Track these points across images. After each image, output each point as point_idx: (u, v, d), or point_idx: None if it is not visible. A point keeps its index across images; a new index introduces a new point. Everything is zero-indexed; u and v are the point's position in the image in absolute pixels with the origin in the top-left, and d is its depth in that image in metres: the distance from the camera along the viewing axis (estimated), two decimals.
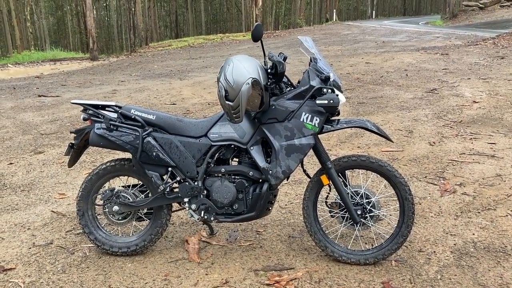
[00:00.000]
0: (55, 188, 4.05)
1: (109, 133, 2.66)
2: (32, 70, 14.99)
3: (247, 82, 2.35)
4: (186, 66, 13.14)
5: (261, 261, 2.76)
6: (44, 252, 2.92)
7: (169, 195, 2.73)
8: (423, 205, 3.48)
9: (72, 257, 2.85)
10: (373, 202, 2.66)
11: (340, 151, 4.84)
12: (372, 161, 2.63)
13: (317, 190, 2.74)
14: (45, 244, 3.02)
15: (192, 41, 23.91)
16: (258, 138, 2.62)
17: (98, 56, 18.23)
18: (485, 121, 5.70)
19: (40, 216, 3.48)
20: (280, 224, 3.25)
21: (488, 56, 10.95)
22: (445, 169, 4.18)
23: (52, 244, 3.02)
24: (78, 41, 44.46)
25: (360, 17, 53.54)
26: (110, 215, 2.80)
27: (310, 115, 2.54)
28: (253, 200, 2.64)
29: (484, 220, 3.20)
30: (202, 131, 2.70)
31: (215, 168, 2.70)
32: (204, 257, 2.81)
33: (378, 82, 8.53)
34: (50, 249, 2.96)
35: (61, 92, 9.36)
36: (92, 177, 2.80)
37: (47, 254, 2.89)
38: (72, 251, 2.91)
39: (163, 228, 2.82)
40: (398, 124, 5.72)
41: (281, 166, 2.56)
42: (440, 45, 14.04)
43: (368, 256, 2.68)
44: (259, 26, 2.46)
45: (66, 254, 2.89)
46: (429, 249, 2.85)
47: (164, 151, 2.68)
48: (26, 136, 5.91)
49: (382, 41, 16.59)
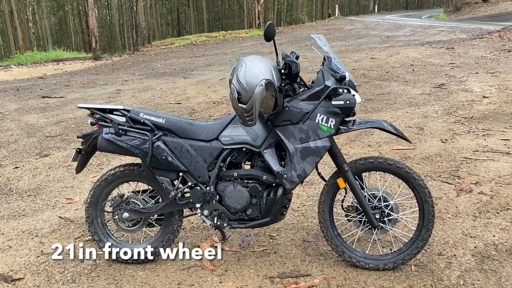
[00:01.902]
0: (62, 193, 3.98)
1: (118, 138, 2.58)
2: (35, 71, 14.94)
3: (261, 84, 2.26)
4: (189, 65, 13.06)
5: (276, 267, 2.68)
6: (53, 260, 2.85)
7: (181, 201, 2.65)
8: (440, 205, 3.39)
9: (81, 265, 2.77)
10: (391, 205, 2.57)
11: (350, 150, 4.75)
12: (390, 162, 2.54)
13: (333, 193, 2.65)
14: (53, 252, 2.94)
15: (195, 39, 23.81)
16: (272, 141, 2.53)
17: (101, 56, 18.16)
18: (496, 116, 5.59)
19: (48, 222, 3.41)
20: (294, 228, 3.16)
21: (494, 49, 10.81)
22: (459, 167, 4.08)
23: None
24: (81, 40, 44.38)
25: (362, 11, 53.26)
26: (120, 222, 2.72)
27: (326, 116, 2.45)
28: (267, 205, 2.56)
29: (504, 221, 3.11)
30: (213, 134, 2.62)
31: (227, 172, 2.62)
32: (217, 264, 2.73)
33: (385, 78, 8.42)
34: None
35: (65, 93, 9.30)
36: (100, 183, 2.72)
37: (56, 262, 2.82)
38: (81, 259, 2.84)
39: (174, 235, 2.75)
40: (408, 121, 5.62)
41: (296, 169, 2.47)
42: (445, 39, 13.90)
43: (387, 261, 2.59)
44: (271, 25, 2.37)
45: (76, 262, 2.81)
46: (449, 253, 2.76)
47: (175, 155, 2.60)
48: (31, 138, 5.84)
49: (386, 36, 16.44)
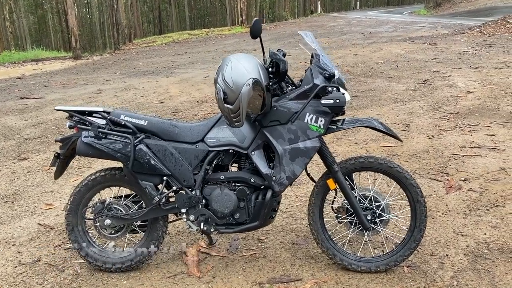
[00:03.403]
0: (41, 198, 3.83)
1: (98, 142, 2.46)
2: (13, 71, 14.55)
3: (248, 83, 2.16)
4: (172, 63, 12.87)
5: (266, 272, 2.59)
6: (31, 271, 2.71)
7: (165, 206, 2.54)
8: (429, 203, 3.34)
9: (62, 275, 2.64)
10: (382, 205, 2.51)
11: (337, 148, 4.69)
12: (381, 162, 2.47)
13: (323, 195, 2.57)
14: (32, 262, 2.81)
15: (177, 36, 23.52)
16: (260, 142, 2.44)
17: (81, 55, 17.81)
18: (481, 111, 5.59)
19: (26, 230, 3.26)
20: (283, 230, 3.08)
21: (476, 44, 10.90)
22: (447, 164, 4.05)
23: (40, 262, 2.81)
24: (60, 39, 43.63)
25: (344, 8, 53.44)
26: (102, 229, 2.59)
27: (315, 116, 2.37)
28: (256, 208, 2.47)
29: (494, 218, 3.07)
30: (199, 136, 2.52)
31: (214, 175, 2.52)
32: (205, 270, 2.63)
33: (369, 74, 8.40)
34: (38, 267, 2.75)
35: (45, 94, 9.06)
36: (80, 188, 2.60)
37: (34, 273, 2.68)
38: (62, 269, 2.71)
39: (159, 241, 2.64)
40: (394, 118, 5.59)
41: (285, 171, 2.39)
42: (427, 35, 13.97)
43: (379, 263, 2.53)
44: (257, 21, 2.27)
45: (56, 272, 2.68)
46: (441, 252, 2.70)
47: (158, 159, 2.49)
48: (8, 141, 5.65)
49: (368, 32, 16.47)
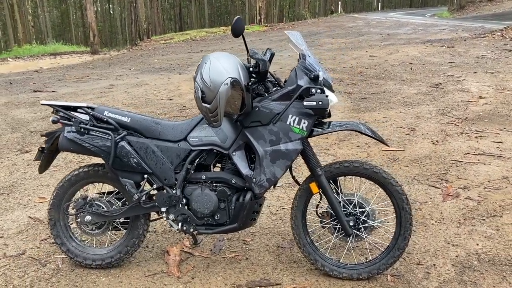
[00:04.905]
0: (36, 191, 3.85)
1: (80, 137, 2.45)
2: (32, 64, 14.82)
3: (226, 82, 2.12)
4: (186, 60, 12.90)
5: (246, 275, 2.55)
6: (14, 264, 2.72)
7: (146, 204, 2.52)
8: (424, 210, 3.25)
9: (43, 269, 2.65)
10: (367, 211, 2.44)
11: (338, 150, 4.61)
12: (366, 167, 2.40)
13: (307, 198, 2.51)
14: (16, 255, 2.82)
15: (195, 34, 23.61)
16: (241, 143, 2.39)
17: (99, 50, 18.03)
18: (491, 117, 5.44)
19: (16, 222, 3.28)
20: (270, 233, 3.03)
21: (495, 48, 10.62)
22: (448, 171, 3.94)
23: (24, 255, 2.82)
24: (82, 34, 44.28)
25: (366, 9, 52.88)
26: (83, 225, 2.59)
27: (298, 117, 2.31)
28: (236, 210, 2.42)
29: (489, 229, 2.97)
30: (181, 134, 2.48)
31: (195, 175, 2.48)
32: (185, 271, 2.60)
33: (382, 76, 8.26)
34: (21, 260, 2.76)
35: (58, 87, 9.17)
36: (64, 184, 2.59)
37: (17, 266, 2.69)
38: (44, 263, 2.71)
39: (140, 239, 2.61)
40: (400, 122, 5.47)
41: (265, 173, 2.34)
42: (446, 38, 13.70)
43: (361, 270, 2.46)
44: (239, 20, 2.23)
45: (38, 266, 2.69)
46: (428, 262, 2.62)
47: (140, 156, 2.47)
48: (15, 134, 5.72)
49: (387, 33, 16.24)
